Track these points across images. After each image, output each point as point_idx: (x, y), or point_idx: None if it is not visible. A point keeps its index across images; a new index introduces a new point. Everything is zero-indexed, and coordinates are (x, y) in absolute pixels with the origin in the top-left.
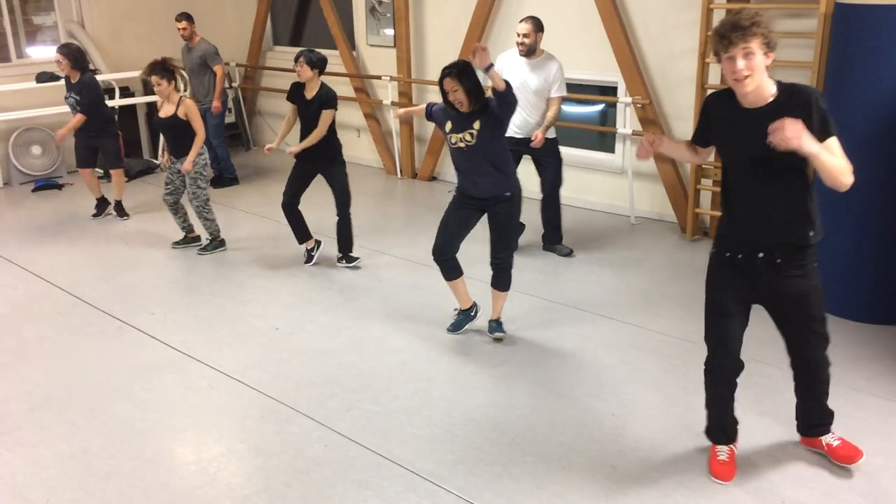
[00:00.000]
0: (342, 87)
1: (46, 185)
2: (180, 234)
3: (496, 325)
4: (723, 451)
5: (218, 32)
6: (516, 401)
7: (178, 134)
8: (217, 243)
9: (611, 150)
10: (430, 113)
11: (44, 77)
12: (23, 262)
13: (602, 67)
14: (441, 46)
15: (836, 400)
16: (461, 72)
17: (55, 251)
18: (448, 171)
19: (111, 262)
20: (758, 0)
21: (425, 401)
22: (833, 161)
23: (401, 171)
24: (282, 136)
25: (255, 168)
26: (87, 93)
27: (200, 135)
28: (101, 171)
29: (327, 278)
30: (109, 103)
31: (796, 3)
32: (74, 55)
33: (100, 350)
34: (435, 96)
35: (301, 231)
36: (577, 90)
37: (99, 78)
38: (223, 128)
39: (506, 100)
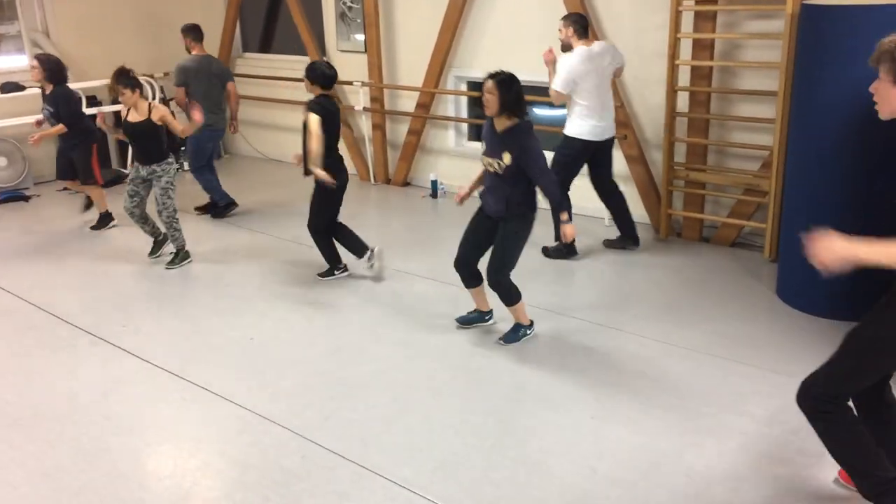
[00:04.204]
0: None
1: (12, 196)
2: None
3: (510, 331)
4: None
5: None
6: (494, 405)
7: (147, 139)
8: (183, 255)
9: None
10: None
11: (8, 87)
12: None
13: None
14: (412, 51)
15: None
16: (502, 82)
17: (23, 264)
18: (421, 177)
19: (81, 274)
20: (725, 1)
21: (403, 408)
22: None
23: (374, 176)
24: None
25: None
26: (62, 104)
27: (181, 130)
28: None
29: (302, 287)
30: None
31: (763, 4)
32: (51, 67)
33: (71, 365)
34: (407, 101)
35: (352, 245)
36: (547, 93)
37: None
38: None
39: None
